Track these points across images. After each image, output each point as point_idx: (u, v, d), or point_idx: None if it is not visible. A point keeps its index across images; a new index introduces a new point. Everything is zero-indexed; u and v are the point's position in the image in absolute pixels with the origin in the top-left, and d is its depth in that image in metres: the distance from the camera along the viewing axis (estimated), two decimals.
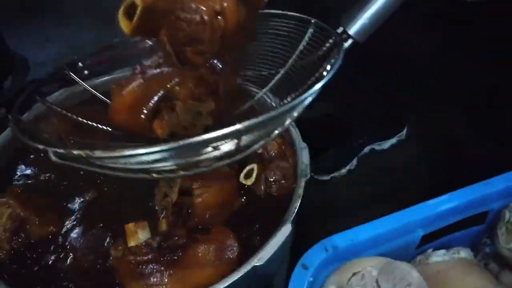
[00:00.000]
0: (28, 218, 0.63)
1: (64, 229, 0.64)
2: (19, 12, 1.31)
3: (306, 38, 0.68)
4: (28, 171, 0.72)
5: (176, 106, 0.58)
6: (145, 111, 0.57)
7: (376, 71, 0.99)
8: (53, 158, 0.43)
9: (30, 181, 0.71)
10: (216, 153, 0.46)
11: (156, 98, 0.57)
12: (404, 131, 1.13)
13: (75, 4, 1.38)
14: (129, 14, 0.46)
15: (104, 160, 0.42)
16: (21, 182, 0.71)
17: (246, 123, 0.42)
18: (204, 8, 0.46)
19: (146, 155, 0.41)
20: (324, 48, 0.64)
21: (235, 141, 0.46)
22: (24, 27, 1.26)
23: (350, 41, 0.64)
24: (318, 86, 0.46)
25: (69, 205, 0.67)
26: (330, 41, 0.63)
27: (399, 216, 0.59)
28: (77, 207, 0.67)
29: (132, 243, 0.58)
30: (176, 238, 0.57)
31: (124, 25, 0.46)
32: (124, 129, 0.61)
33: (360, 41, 0.64)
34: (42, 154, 0.70)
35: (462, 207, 0.61)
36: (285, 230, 0.56)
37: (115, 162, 0.43)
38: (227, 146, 0.47)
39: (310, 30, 0.68)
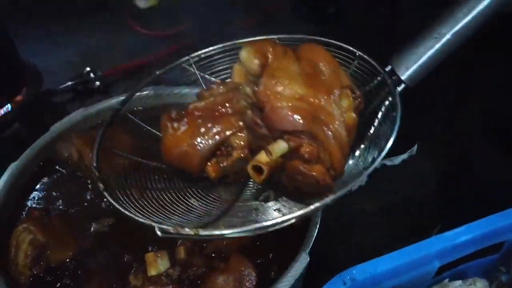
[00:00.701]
0: (47, 244, 0.63)
1: (81, 254, 0.64)
2: (27, 19, 1.26)
3: (351, 71, 0.68)
4: (45, 194, 0.73)
5: (232, 154, 0.60)
6: (200, 155, 0.60)
7: None
8: (159, 233, 0.45)
9: (48, 204, 0.71)
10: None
11: (213, 143, 0.60)
12: (415, 147, 1.16)
13: (84, 9, 1.35)
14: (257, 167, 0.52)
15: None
16: (40, 205, 0.71)
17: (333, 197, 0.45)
18: (316, 174, 0.51)
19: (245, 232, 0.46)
20: (372, 85, 0.65)
21: None
22: (32, 34, 1.23)
23: (402, 86, 0.62)
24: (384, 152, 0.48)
25: (86, 229, 0.67)
26: (378, 78, 0.64)
27: (417, 248, 0.60)
28: (95, 232, 0.67)
29: (152, 272, 0.59)
30: (195, 268, 0.60)
31: (254, 176, 0.52)
32: (173, 165, 0.63)
33: (411, 86, 0.63)
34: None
35: (479, 238, 0.63)
36: (303, 261, 0.57)
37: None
38: None
39: (355, 63, 0.69)
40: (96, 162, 0.57)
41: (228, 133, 0.61)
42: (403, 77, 0.62)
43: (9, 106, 0.89)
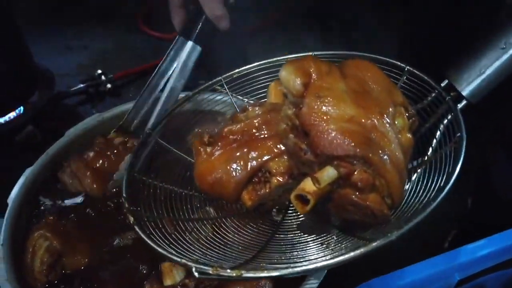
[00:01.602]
0: (63, 251, 0.62)
1: (96, 262, 0.63)
2: (39, 21, 1.28)
3: (398, 86, 0.62)
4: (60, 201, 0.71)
5: (270, 181, 0.54)
6: (235, 182, 0.55)
7: None
8: (196, 274, 0.40)
9: (63, 210, 0.69)
10: None
11: (249, 169, 0.55)
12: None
13: (95, 13, 1.35)
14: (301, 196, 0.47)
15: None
16: (55, 210, 0.69)
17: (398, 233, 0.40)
18: (371, 204, 0.45)
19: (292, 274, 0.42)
20: (425, 102, 0.59)
21: None
22: (44, 37, 1.23)
23: (464, 103, 0.55)
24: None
25: (101, 236, 0.65)
26: (433, 94, 0.58)
27: (437, 261, 0.57)
28: (110, 239, 0.65)
29: (168, 282, 0.56)
30: None
31: (298, 207, 0.47)
32: (207, 193, 0.58)
33: (473, 102, 0.55)
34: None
35: (500, 251, 0.60)
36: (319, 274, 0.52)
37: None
38: None
39: (403, 79, 0.62)
40: (125, 193, 0.53)
41: (266, 158, 0.56)
42: (464, 93, 0.55)
43: (21, 108, 0.89)
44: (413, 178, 0.54)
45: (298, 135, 0.49)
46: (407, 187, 0.54)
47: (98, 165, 0.72)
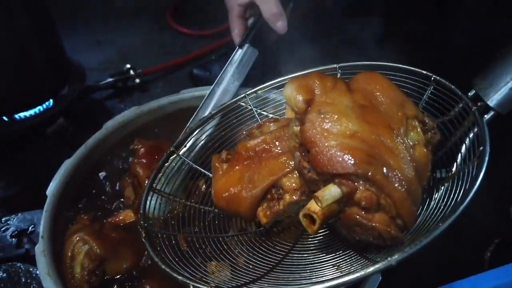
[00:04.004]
0: (105, 256, 0.60)
1: (138, 265, 0.61)
2: (70, 17, 1.32)
3: (425, 97, 0.58)
4: (96, 197, 0.70)
5: (284, 197, 0.53)
6: (249, 199, 0.54)
7: None
8: None
9: (100, 209, 0.69)
10: None
11: (263, 187, 0.54)
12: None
13: (124, 9, 1.39)
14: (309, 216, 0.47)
15: None
16: (91, 209, 0.69)
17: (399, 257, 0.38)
18: (377, 225, 0.43)
19: None
20: (452, 113, 0.54)
21: None
22: (75, 32, 1.27)
23: (491, 114, 0.51)
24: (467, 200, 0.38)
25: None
26: (460, 105, 0.53)
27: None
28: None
29: None
30: None
31: (307, 226, 0.47)
32: (223, 210, 0.59)
33: (503, 113, 0.51)
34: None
35: None
36: None
37: None
38: None
39: (430, 88, 0.58)
40: (143, 208, 0.55)
41: (278, 174, 0.55)
42: (491, 103, 0.50)
43: (51, 101, 0.91)
44: (436, 196, 0.50)
45: (303, 152, 0.48)
46: (431, 205, 0.50)
47: None
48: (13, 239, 0.69)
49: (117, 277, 0.61)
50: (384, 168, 0.42)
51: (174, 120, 0.82)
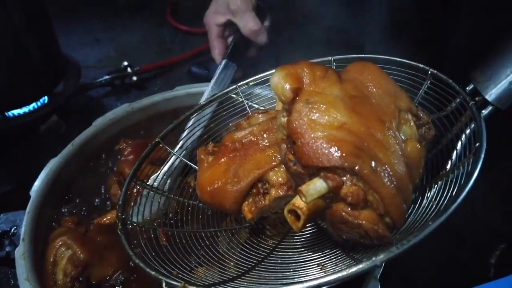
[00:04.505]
0: (89, 262, 0.57)
1: (124, 269, 0.58)
2: (68, 13, 1.31)
3: (422, 92, 0.56)
4: (83, 197, 0.68)
5: (268, 193, 0.51)
6: (233, 194, 0.52)
7: None
8: None
9: (85, 210, 0.66)
10: None
11: (248, 181, 0.52)
12: None
13: (123, 6, 1.37)
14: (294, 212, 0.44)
15: None
16: (79, 210, 0.66)
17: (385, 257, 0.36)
18: (363, 223, 0.40)
19: None
20: (449, 108, 0.51)
21: None
22: (73, 29, 1.26)
23: (489, 109, 0.49)
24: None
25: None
26: (457, 100, 0.51)
27: None
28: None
29: None
30: None
31: (292, 222, 0.44)
32: (207, 204, 0.56)
33: (501, 108, 0.49)
34: None
35: None
36: None
37: None
38: None
39: (427, 83, 0.56)
40: (122, 200, 0.53)
41: (264, 168, 0.52)
42: (489, 98, 0.48)
43: (46, 98, 0.89)
44: (429, 194, 0.47)
45: (289, 144, 0.45)
46: (423, 203, 0.48)
47: None
48: None
49: (102, 282, 0.57)
50: (373, 162, 0.39)
51: (168, 119, 0.78)
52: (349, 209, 0.40)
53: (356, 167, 0.38)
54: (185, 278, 0.43)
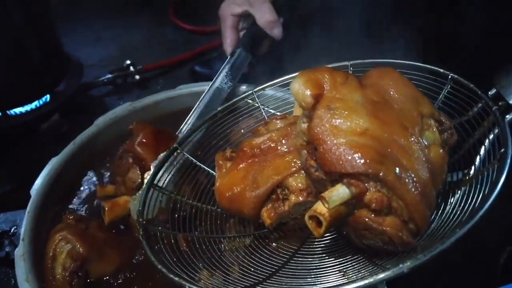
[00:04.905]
0: (88, 256, 0.56)
1: (124, 268, 0.58)
2: (71, 12, 1.31)
3: (442, 97, 0.55)
4: (84, 197, 0.67)
5: (289, 198, 0.51)
6: (253, 200, 0.52)
7: None
8: None
9: (86, 210, 0.66)
10: None
11: (267, 187, 0.52)
12: None
13: (126, 4, 1.37)
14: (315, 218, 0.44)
15: None
16: (76, 210, 0.66)
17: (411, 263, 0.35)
18: (387, 229, 0.40)
19: None
20: (470, 113, 0.51)
21: None
22: (75, 28, 1.26)
23: None
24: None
25: (130, 240, 0.60)
26: (479, 105, 0.50)
27: None
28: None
29: None
30: None
31: (313, 229, 0.44)
32: (226, 210, 0.56)
33: None
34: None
35: None
36: None
37: None
38: None
39: (447, 87, 0.55)
40: (141, 205, 0.53)
41: (284, 174, 0.53)
42: None
43: (47, 96, 0.89)
44: (452, 200, 0.47)
45: (311, 150, 0.45)
46: (446, 209, 0.47)
47: None
48: None
49: (102, 280, 0.57)
50: (397, 169, 0.39)
51: (171, 119, 0.78)
52: (373, 215, 0.40)
53: (381, 174, 0.38)
54: (208, 283, 0.43)
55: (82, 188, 0.70)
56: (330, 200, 0.41)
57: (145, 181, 0.63)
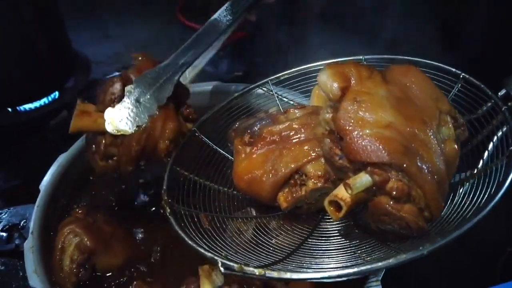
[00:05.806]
0: (95, 249, 0.59)
1: (131, 263, 0.60)
2: (80, 10, 1.31)
3: (452, 95, 0.59)
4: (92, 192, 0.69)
5: (306, 184, 0.54)
6: (271, 183, 0.55)
7: None
8: (222, 269, 0.43)
9: (98, 203, 0.68)
10: None
11: (286, 171, 0.55)
12: None
13: (133, 2, 1.37)
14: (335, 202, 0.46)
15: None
16: (85, 204, 0.68)
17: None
18: (406, 216, 0.43)
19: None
20: (480, 112, 0.54)
21: None
22: (84, 25, 1.26)
23: None
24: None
25: (137, 234, 0.64)
26: (489, 104, 0.54)
27: None
28: (146, 238, 0.63)
29: (206, 287, 0.52)
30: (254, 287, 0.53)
31: (331, 212, 0.47)
32: (243, 192, 0.59)
33: None
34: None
35: None
36: None
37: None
38: None
39: (458, 86, 0.59)
40: (166, 185, 0.55)
41: (303, 161, 0.56)
42: None
43: (56, 93, 0.91)
44: (460, 191, 0.51)
45: (334, 139, 0.48)
46: (455, 200, 0.51)
47: None
48: (4, 233, 0.68)
49: (109, 274, 0.60)
50: (418, 160, 0.43)
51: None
52: (392, 202, 0.44)
53: (404, 165, 0.41)
54: (238, 259, 0.46)
55: (89, 183, 0.72)
56: (354, 186, 0.44)
57: (126, 93, 0.65)
